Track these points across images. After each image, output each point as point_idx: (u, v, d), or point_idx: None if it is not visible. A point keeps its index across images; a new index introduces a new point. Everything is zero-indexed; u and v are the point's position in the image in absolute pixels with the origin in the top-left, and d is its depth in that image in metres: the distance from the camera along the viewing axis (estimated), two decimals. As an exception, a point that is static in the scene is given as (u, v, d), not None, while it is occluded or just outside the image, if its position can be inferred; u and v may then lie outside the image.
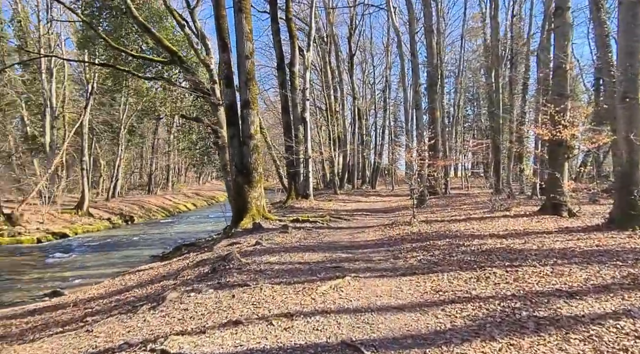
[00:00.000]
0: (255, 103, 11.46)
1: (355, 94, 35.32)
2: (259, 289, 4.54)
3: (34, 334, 4.65)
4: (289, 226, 10.32)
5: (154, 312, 4.10)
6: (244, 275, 5.43)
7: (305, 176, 19.30)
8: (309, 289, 4.55)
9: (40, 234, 20.76)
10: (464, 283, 4.66)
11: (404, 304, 4.02)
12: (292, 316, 3.62)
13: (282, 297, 4.27)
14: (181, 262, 8.72)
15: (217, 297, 4.41)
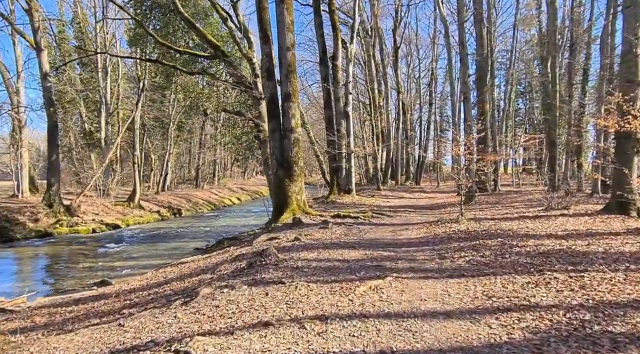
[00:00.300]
0: (296, 96, 11.25)
1: (400, 88, 34.42)
2: (294, 288, 4.30)
3: (73, 325, 4.69)
4: (330, 221, 10.05)
5: (186, 308, 3.97)
6: (280, 272, 5.21)
7: (347, 171, 18.96)
8: (347, 289, 4.24)
9: (95, 225, 21.80)
10: (520, 289, 4.17)
11: (452, 311, 3.61)
12: (326, 319, 3.33)
13: (317, 297, 4.00)
14: (220, 256, 8.69)
15: (251, 294, 4.21)
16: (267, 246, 8.17)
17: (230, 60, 13.29)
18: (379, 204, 17.01)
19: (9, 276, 12.88)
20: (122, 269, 12.85)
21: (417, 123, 41.99)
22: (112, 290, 7.18)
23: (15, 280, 12.17)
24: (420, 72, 40.87)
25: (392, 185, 28.92)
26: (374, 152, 27.87)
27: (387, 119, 33.85)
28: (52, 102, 22.09)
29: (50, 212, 21.35)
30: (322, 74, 19.76)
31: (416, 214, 12.86)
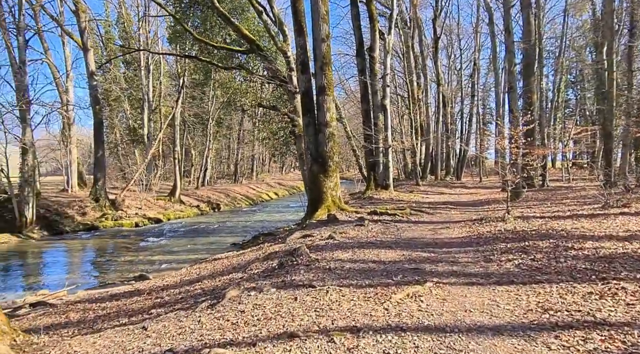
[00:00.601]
0: (331, 89, 10.92)
1: (440, 80, 33.21)
2: (324, 292, 4.00)
3: (103, 323, 4.64)
4: (366, 218, 9.68)
5: (211, 311, 3.77)
6: (311, 273, 4.93)
7: (384, 166, 18.44)
8: (382, 295, 3.89)
9: (138, 218, 22.47)
10: (581, 300, 3.65)
11: (502, 325, 3.18)
12: (358, 332, 3.01)
13: (349, 304, 3.67)
14: (254, 253, 8.54)
15: (278, 298, 3.95)
16: (300, 244, 7.92)
17: (266, 55, 13.15)
18: (418, 200, 16.41)
19: (58, 268, 13.46)
20: (161, 263, 13.08)
21: (458, 116, 40.53)
22: (147, 286, 7.17)
23: (63, 272, 12.66)
24: (462, 63, 39.34)
25: (431, 180, 28.02)
26: (413, 147, 27.07)
27: (427, 112, 32.79)
28: (97, 100, 22.93)
29: (97, 206, 22.23)
30: (358, 67, 19.27)
31: (457, 212, 12.22)
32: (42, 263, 14.01)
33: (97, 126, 22.76)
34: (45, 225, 19.01)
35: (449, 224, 9.48)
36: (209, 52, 20.32)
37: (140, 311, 5.01)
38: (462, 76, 38.61)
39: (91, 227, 20.46)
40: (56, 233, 18.91)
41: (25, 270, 13.12)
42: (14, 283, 11.20)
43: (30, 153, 18.09)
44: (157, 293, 6.10)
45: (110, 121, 36.97)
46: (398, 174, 37.17)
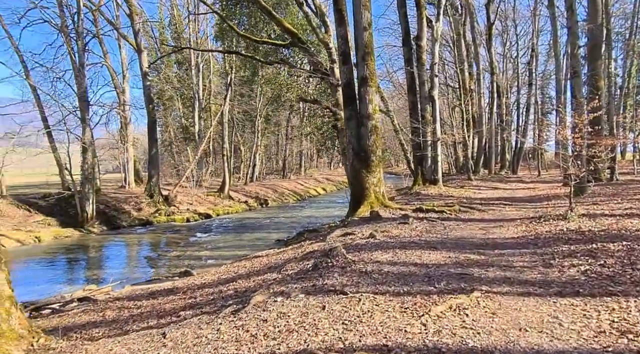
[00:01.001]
0: (374, 80, 10.42)
1: (494, 68, 31.35)
2: (356, 301, 3.62)
3: (132, 325, 4.58)
4: (410, 216, 9.14)
5: (233, 319, 3.53)
6: (346, 277, 4.56)
7: (433, 159, 17.62)
8: (421, 306, 3.45)
9: (189, 214, 23.15)
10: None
11: (567, 351, 2.64)
12: (389, 353, 2.62)
13: (382, 316, 3.27)
14: (293, 251, 8.31)
15: (306, 306, 3.63)
16: (339, 243, 7.57)
17: (307, 48, 12.88)
18: (469, 196, 15.49)
19: (114, 262, 14.06)
20: (206, 259, 13.27)
21: (513, 107, 38.19)
22: (186, 284, 7.15)
23: (117, 266, 13.18)
24: (519, 51, 36.95)
25: (484, 174, 26.55)
26: (464, 140, 25.77)
27: (479, 103, 31.13)
28: (151, 99, 23.84)
29: (151, 202, 23.14)
30: (405, 57, 18.49)
31: (512, 208, 11.30)
32: (100, 257, 14.72)
33: (151, 125, 23.67)
34: (104, 220, 20.04)
35: (502, 222, 8.72)
36: (254, 48, 20.44)
37: (171, 312, 4.90)
38: (519, 64, 36.24)
39: (146, 222, 21.32)
40: (114, 228, 19.89)
41: (84, 263, 13.83)
42: (74, 276, 11.82)
43: (89, 152, 19.10)
44: (192, 292, 6.01)
45: (164, 119, 38.57)
46: (449, 168, 35.74)
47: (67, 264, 13.29)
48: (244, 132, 37.00)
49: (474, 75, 30.11)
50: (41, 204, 18.67)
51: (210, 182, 32.50)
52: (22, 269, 13.07)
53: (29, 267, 13.37)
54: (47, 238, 16.89)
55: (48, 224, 17.97)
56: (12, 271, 12.19)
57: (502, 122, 32.29)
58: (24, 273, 12.50)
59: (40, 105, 18.74)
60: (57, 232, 17.57)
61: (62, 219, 18.60)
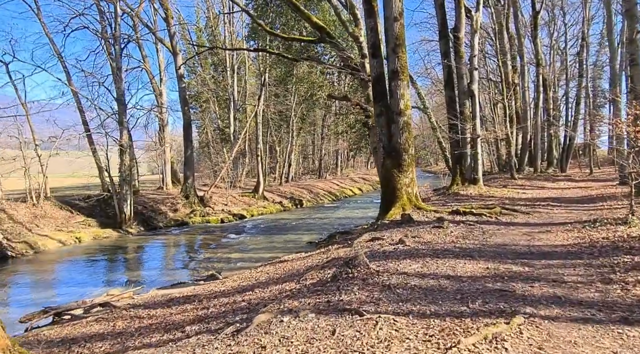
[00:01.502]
0: (405, 73, 9.77)
1: (540, 61, 29.46)
2: (372, 324, 3.10)
3: (135, 340, 4.29)
4: (446, 219, 8.44)
5: (230, 342, 3.12)
6: (366, 291, 4.05)
7: (472, 158, 16.62)
8: (450, 334, 2.88)
9: (223, 215, 23.24)
10: None
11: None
12: (401, 401, 2.10)
13: (400, 346, 2.73)
14: (318, 256, 7.87)
15: (314, 329, 3.15)
16: (367, 247, 7.05)
17: (337, 43, 12.39)
18: (512, 196, 14.43)
19: (146, 263, 14.18)
20: (236, 261, 13.08)
21: (562, 101, 35.84)
22: (205, 290, 6.88)
23: (149, 268, 13.27)
24: (567, 41, 34.64)
25: (529, 173, 24.95)
26: (507, 136, 24.33)
27: (524, 97, 29.38)
28: (186, 101, 24.16)
29: (187, 203, 23.44)
30: (441, 50, 17.59)
31: (562, 210, 10.29)
32: (134, 258, 14.91)
33: (186, 126, 23.98)
34: (141, 221, 20.43)
35: (550, 226, 7.85)
36: (287, 48, 20.21)
37: (178, 325, 4.58)
38: (567, 56, 33.97)
39: (181, 223, 21.58)
40: (151, 228, 20.23)
41: (118, 265, 14.03)
42: (108, 278, 11.94)
43: (127, 154, 19.52)
44: (207, 301, 5.69)
45: (202, 121, 39.25)
46: (491, 166, 34.10)
47: (103, 266, 13.52)
48: (280, 132, 36.98)
49: (517, 69, 28.45)
50: (82, 206, 19.27)
51: (246, 182, 32.64)
52: (60, 270, 13.44)
53: (67, 268, 13.72)
54: (87, 239, 17.37)
55: (88, 224, 18.50)
56: (51, 272, 12.52)
57: (549, 118, 30.34)
58: (61, 275, 12.83)
59: (81, 109, 19.38)
60: (96, 233, 18.05)
61: (101, 220, 19.12)
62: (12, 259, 14.27)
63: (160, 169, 25.81)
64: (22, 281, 11.92)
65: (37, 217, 17.19)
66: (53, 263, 13.98)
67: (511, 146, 23.56)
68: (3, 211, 16.50)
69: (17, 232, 15.78)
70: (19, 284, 11.52)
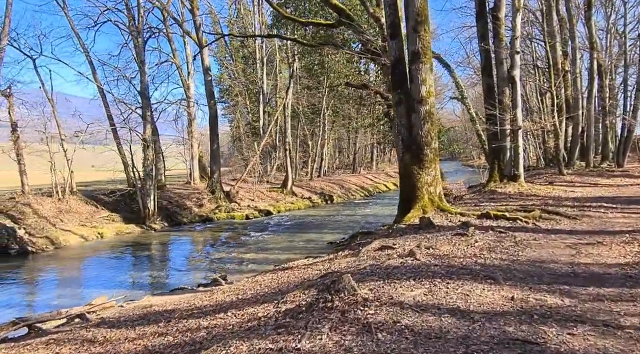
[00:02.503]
0: (428, 55, 8.48)
1: (595, 45, 26.63)
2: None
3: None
4: (472, 224, 7.17)
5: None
6: (337, 336, 3.01)
7: (513, 152, 14.95)
8: None
9: (248, 211, 22.69)
10: None
11: None
12: None
13: None
14: (320, 266, 6.89)
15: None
16: (373, 258, 5.98)
17: (357, 26, 11.23)
18: (558, 195, 12.74)
19: (158, 262, 13.70)
20: (248, 263, 12.33)
21: (619, 89, 32.53)
22: (188, 304, 6.10)
23: (158, 267, 12.76)
24: (626, 24, 31.24)
25: (580, 168, 22.56)
26: (555, 128, 22.08)
27: (575, 85, 26.72)
28: (212, 94, 23.73)
29: (212, 198, 23.07)
30: (479, 33, 15.91)
31: (618, 214, 8.68)
32: (148, 256, 14.54)
33: (212, 120, 23.56)
34: (166, 216, 20.22)
35: (602, 236, 6.41)
36: (313, 35, 19.17)
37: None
38: (627, 40, 30.64)
39: (206, 218, 21.21)
40: (175, 224, 19.97)
41: (130, 264, 13.59)
42: (114, 278, 11.50)
43: (150, 148, 19.29)
44: (175, 322, 4.87)
45: (233, 115, 39.05)
46: (537, 160, 31.58)
47: (115, 264, 13.14)
48: (312, 126, 36.05)
49: (568, 54, 25.86)
50: (107, 201, 19.26)
51: (277, 177, 31.99)
52: (72, 268, 13.22)
53: (80, 265, 13.53)
54: (109, 234, 17.27)
55: (112, 220, 18.44)
56: (62, 271, 12.23)
57: (603, 107, 27.49)
58: (71, 273, 12.58)
59: (106, 104, 19.31)
60: (119, 228, 17.95)
61: (125, 215, 19.02)
62: (33, 255, 14.28)
63: (188, 163, 25.60)
64: (31, 279, 11.71)
65: (61, 212, 17.26)
66: (70, 260, 13.82)
67: (559, 139, 21.34)
68: (28, 205, 16.65)
69: (40, 227, 15.86)
70: (22, 283, 11.24)
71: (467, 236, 6.52)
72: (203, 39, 23.07)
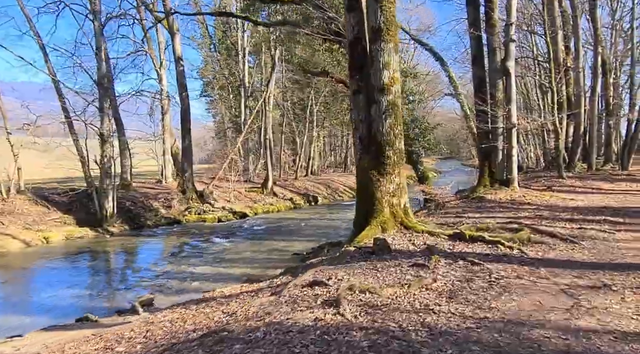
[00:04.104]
0: (393, 32, 6.71)
1: (599, 41, 24.77)
2: None
3: None
4: (439, 250, 5.44)
5: None
6: None
7: (506, 153, 13.19)
8: None
9: (222, 213, 20.95)
10: None
11: None
12: None
13: None
14: (223, 308, 5.17)
15: None
16: (292, 301, 4.28)
17: (317, 1, 9.47)
18: (555, 203, 11.00)
19: (90, 277, 11.68)
20: (194, 279, 10.52)
21: (624, 88, 30.71)
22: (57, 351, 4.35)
23: (89, 285, 10.91)
24: (634, 20, 29.33)
25: (582, 170, 20.78)
26: (556, 127, 20.29)
27: (578, 82, 24.93)
28: (184, 86, 21.95)
29: (183, 199, 21.31)
30: (469, 18, 14.14)
31: (627, 234, 6.93)
32: (87, 268, 12.62)
33: (184, 113, 21.79)
34: (127, 218, 18.44)
35: (609, 273, 4.66)
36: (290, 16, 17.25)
37: None
38: (634, 37, 28.71)
39: (173, 221, 19.46)
40: (137, 227, 18.19)
41: (60, 278, 11.55)
42: (26, 300, 9.75)
43: (109, 143, 17.54)
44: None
45: (218, 110, 37.25)
46: (537, 161, 29.84)
47: (42, 279, 11.28)
48: (299, 122, 34.20)
49: (571, 50, 24.04)
50: (61, 201, 17.50)
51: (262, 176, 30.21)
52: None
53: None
54: (57, 239, 15.51)
55: (64, 222, 16.68)
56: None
57: (607, 107, 25.67)
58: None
59: (60, 93, 17.48)
60: (70, 232, 16.19)
61: (80, 217, 17.25)
62: (-41, 264, 12.54)
63: (160, 160, 23.83)
64: None
65: (3, 213, 15.51)
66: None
67: (559, 139, 19.53)
68: (-36, 206, 14.95)
69: (-26, 231, 14.15)
70: None
71: (426, 269, 4.79)
72: (174, 25, 21.28)
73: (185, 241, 15.76)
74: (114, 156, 17.93)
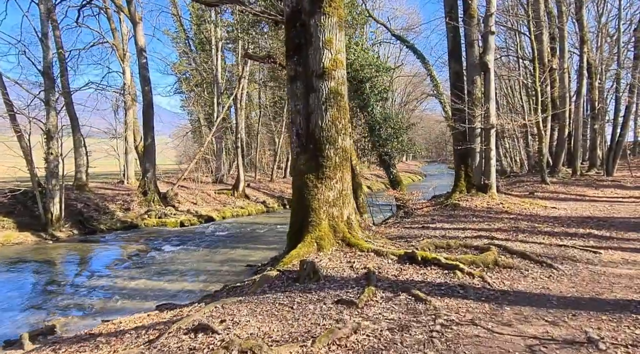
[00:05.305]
0: (337, 4, 5.46)
1: (586, 44, 23.93)
2: None
3: None
4: (380, 277, 4.16)
5: None
6: None
7: (484, 156, 12.04)
8: None
9: (186, 216, 19.48)
10: None
11: None
12: None
13: None
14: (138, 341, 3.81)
15: None
16: None
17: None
18: (535, 212, 9.88)
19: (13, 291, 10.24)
20: (124, 296, 9.04)
21: (610, 92, 30.04)
22: None
23: (6, 299, 9.47)
24: (620, 24, 28.63)
25: (566, 175, 19.83)
26: (539, 129, 19.29)
27: (563, 82, 24.07)
28: (147, 80, 20.44)
29: (144, 201, 19.81)
30: (446, 7, 12.98)
31: (615, 254, 5.76)
32: (14, 280, 11.05)
33: (146, 110, 20.29)
34: (77, 222, 16.87)
35: (594, 318, 3.43)
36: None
37: None
38: (620, 41, 28.01)
39: (130, 225, 17.91)
40: (89, 232, 16.61)
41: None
42: None
43: (55, 140, 15.98)
44: None
45: (193, 108, 35.62)
46: (521, 166, 28.99)
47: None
48: (276, 122, 32.77)
49: (556, 52, 23.16)
50: (0, 202, 15.89)
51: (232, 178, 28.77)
52: None
53: None
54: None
55: (2, 226, 15.09)
56: None
57: (593, 110, 24.86)
58: None
59: (2, 85, 15.86)
60: (7, 236, 14.59)
61: (22, 221, 15.65)
62: None
63: (121, 159, 22.28)
64: None
65: None
66: None
67: (543, 142, 18.50)
68: None
69: None
70: None
71: (353, 308, 3.51)
72: (137, 14, 19.78)
73: (136, 248, 14.24)
74: (63, 154, 16.37)
